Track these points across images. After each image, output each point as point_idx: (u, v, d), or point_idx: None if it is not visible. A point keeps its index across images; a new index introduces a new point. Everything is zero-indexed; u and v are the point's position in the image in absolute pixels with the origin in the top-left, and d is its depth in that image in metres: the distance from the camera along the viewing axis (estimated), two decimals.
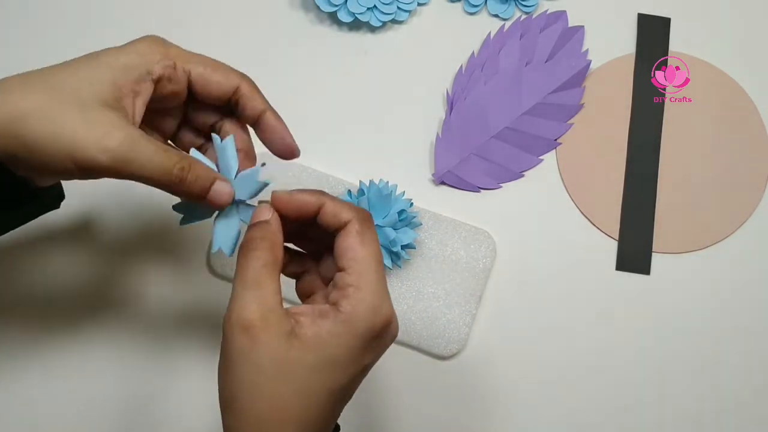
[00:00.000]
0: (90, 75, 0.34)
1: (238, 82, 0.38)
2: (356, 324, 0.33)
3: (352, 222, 0.35)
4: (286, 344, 0.33)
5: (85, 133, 0.33)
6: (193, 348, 0.51)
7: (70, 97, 0.33)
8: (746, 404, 0.52)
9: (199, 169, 0.36)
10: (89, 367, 0.51)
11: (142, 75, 0.35)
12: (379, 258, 0.35)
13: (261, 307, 0.33)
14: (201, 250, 0.53)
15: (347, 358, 0.33)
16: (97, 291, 0.52)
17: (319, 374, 0.33)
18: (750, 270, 0.55)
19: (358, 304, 0.33)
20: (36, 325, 0.51)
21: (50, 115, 0.33)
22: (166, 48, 0.36)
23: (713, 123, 0.58)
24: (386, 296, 0.35)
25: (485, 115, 0.56)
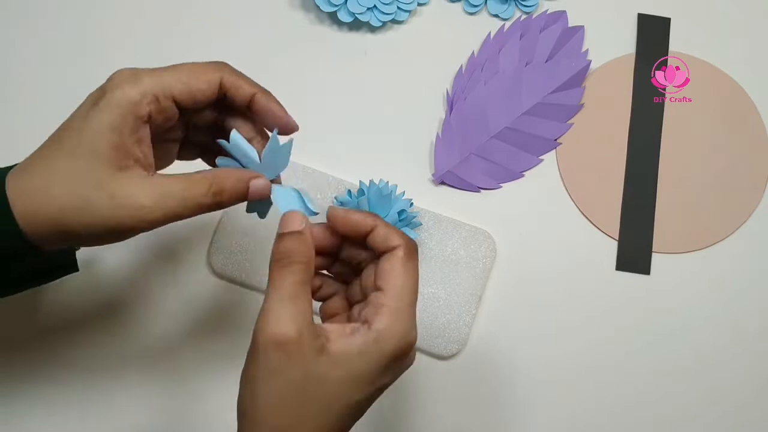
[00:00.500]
0: (90, 147, 0.34)
1: (218, 78, 0.37)
2: (386, 343, 0.34)
3: (401, 247, 0.36)
4: (317, 360, 0.34)
5: (118, 211, 0.34)
6: (193, 348, 0.51)
7: (88, 184, 0.34)
8: (746, 404, 0.52)
9: (229, 182, 0.37)
10: (88, 367, 0.51)
11: (134, 126, 0.35)
12: (416, 288, 0.36)
13: (297, 323, 0.34)
14: (201, 250, 0.53)
15: (370, 376, 0.34)
16: (96, 291, 0.52)
17: (342, 389, 0.34)
18: (750, 270, 0.55)
19: (391, 325, 0.34)
20: (33, 324, 0.51)
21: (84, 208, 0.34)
22: (138, 84, 0.35)
23: (713, 123, 0.58)
24: (415, 325, 0.36)
25: (485, 115, 0.56)
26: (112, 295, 0.52)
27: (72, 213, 0.34)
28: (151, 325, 0.52)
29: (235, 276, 0.52)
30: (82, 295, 0.52)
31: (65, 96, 0.58)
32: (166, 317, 0.52)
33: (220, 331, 0.52)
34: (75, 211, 0.34)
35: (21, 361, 0.51)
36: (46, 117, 0.58)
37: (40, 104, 0.56)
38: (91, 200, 0.34)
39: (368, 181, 0.52)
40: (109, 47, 0.57)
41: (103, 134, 0.34)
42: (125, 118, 0.35)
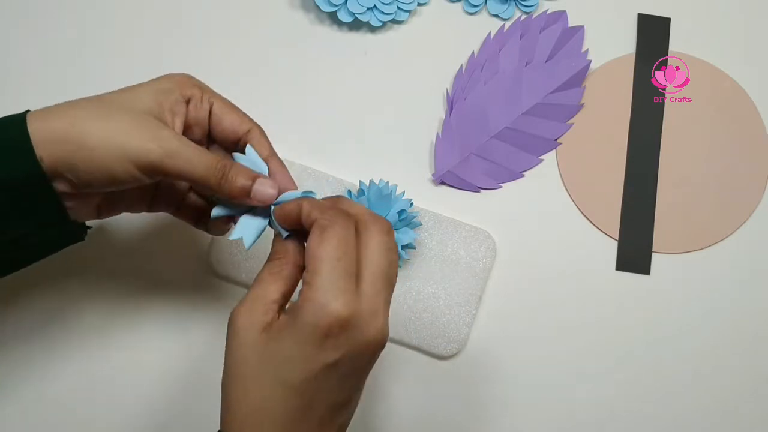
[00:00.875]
0: (135, 94, 0.38)
1: (250, 127, 0.41)
2: (300, 320, 0.34)
3: (317, 221, 0.35)
4: (258, 335, 0.34)
5: (137, 131, 0.36)
6: (193, 348, 0.51)
7: (120, 107, 0.37)
8: (746, 404, 0.52)
9: (241, 167, 0.38)
10: (87, 367, 0.51)
11: (178, 98, 0.39)
12: (338, 254, 0.34)
13: (252, 301, 0.35)
14: (201, 251, 0.53)
15: (298, 354, 0.34)
16: (96, 291, 0.52)
17: (275, 367, 0.34)
18: (750, 270, 0.55)
19: (304, 301, 0.34)
20: (32, 327, 0.51)
21: (104, 119, 0.36)
22: (195, 80, 0.40)
23: (713, 123, 0.58)
24: (342, 294, 0.34)
25: (485, 115, 0.56)
26: (112, 295, 0.52)
27: (88, 121, 0.36)
28: (150, 325, 0.52)
29: (235, 276, 0.52)
30: (81, 295, 0.52)
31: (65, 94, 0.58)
32: (166, 317, 0.52)
33: (220, 331, 0.52)
34: (96, 123, 0.36)
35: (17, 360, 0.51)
36: None
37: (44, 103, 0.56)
38: (117, 117, 0.36)
39: (368, 181, 0.52)
40: (109, 47, 0.57)
41: (150, 92, 0.38)
42: (173, 91, 0.39)
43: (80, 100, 0.37)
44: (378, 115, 0.57)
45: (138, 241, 0.53)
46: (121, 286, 0.52)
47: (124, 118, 0.36)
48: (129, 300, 0.52)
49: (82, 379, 0.51)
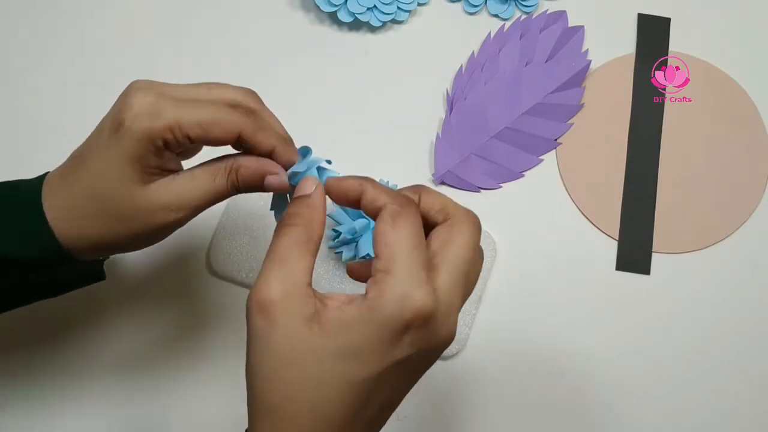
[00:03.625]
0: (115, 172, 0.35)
1: (238, 131, 0.36)
2: (380, 311, 0.30)
3: (386, 206, 0.32)
4: (306, 328, 0.30)
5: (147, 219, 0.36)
6: (192, 347, 0.51)
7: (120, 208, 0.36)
8: (746, 404, 0.52)
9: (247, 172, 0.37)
10: (87, 367, 0.51)
11: (155, 152, 0.35)
12: (414, 242, 0.31)
13: (283, 285, 0.31)
14: (201, 250, 0.53)
15: (369, 349, 0.30)
16: (96, 290, 0.52)
17: (336, 363, 0.30)
18: (750, 270, 0.55)
19: (384, 291, 0.30)
20: (32, 327, 0.51)
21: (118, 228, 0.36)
22: (157, 117, 0.35)
23: (713, 123, 0.58)
24: (423, 284, 0.31)
25: (485, 115, 0.56)
26: (112, 295, 0.52)
27: (109, 231, 0.36)
28: (150, 325, 0.52)
29: (235, 276, 0.52)
30: (81, 294, 0.52)
31: (65, 95, 0.58)
32: (166, 317, 0.52)
33: (220, 331, 0.52)
34: (112, 229, 0.36)
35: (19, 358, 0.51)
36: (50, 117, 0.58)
37: (42, 103, 0.56)
38: (126, 217, 0.36)
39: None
40: (109, 48, 0.57)
41: (126, 163, 0.35)
42: (146, 148, 0.35)
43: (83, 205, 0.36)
44: (378, 115, 0.57)
45: None
46: (120, 285, 0.52)
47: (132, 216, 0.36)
48: (128, 299, 0.52)
49: (75, 378, 0.51)
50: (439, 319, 0.31)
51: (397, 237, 0.31)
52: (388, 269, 0.31)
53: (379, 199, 0.33)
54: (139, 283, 0.52)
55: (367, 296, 0.31)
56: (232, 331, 0.52)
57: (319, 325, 0.31)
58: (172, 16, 0.59)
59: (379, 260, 0.31)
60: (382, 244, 0.31)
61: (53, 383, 0.51)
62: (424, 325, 0.31)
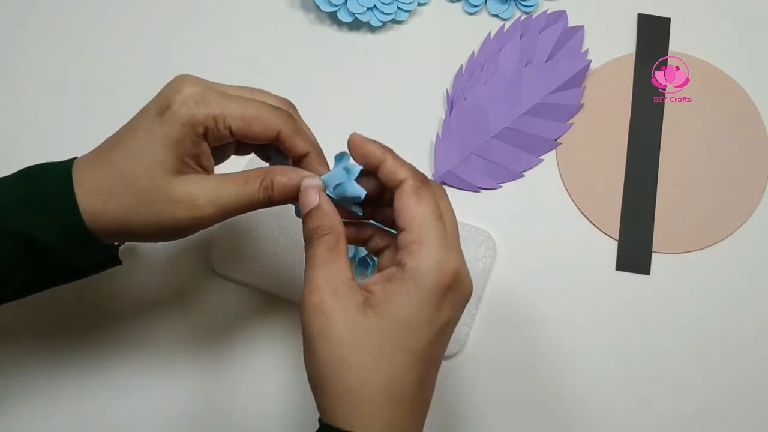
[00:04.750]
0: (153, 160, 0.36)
1: (278, 130, 0.38)
2: (423, 279, 0.33)
3: (407, 180, 0.35)
4: (361, 314, 0.33)
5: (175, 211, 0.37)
6: (192, 347, 0.51)
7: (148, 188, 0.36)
8: (746, 404, 0.52)
9: (282, 179, 0.38)
10: (88, 368, 0.51)
11: (195, 140, 0.37)
12: (438, 213, 0.35)
13: (330, 284, 0.34)
14: (201, 250, 0.53)
15: (422, 316, 0.33)
16: (96, 291, 0.52)
17: (397, 337, 0.33)
18: (750, 270, 0.55)
19: (422, 259, 0.33)
20: (33, 329, 0.51)
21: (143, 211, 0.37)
22: (204, 105, 0.37)
23: (713, 123, 0.58)
24: (451, 248, 0.34)
25: (485, 115, 0.56)
26: (112, 294, 0.52)
27: (132, 213, 0.36)
28: (150, 325, 0.52)
29: (235, 276, 0.52)
30: (79, 293, 0.52)
31: (65, 95, 0.58)
32: (166, 317, 0.52)
33: (220, 330, 0.52)
34: (135, 212, 0.36)
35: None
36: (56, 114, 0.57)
37: (42, 104, 0.56)
38: (152, 202, 0.36)
39: None
40: (110, 47, 0.57)
41: (165, 145, 0.36)
42: (187, 135, 0.36)
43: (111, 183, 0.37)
44: (378, 115, 0.57)
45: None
46: (121, 284, 0.52)
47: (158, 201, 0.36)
48: (128, 299, 0.52)
49: (76, 378, 0.51)
50: (465, 277, 0.35)
51: (424, 210, 0.34)
52: (421, 240, 0.34)
53: (400, 172, 0.35)
54: (140, 283, 0.52)
55: (405, 267, 0.34)
56: (232, 331, 0.52)
57: (372, 309, 0.33)
58: (172, 16, 0.59)
59: (408, 232, 0.34)
60: (409, 218, 0.34)
61: (53, 381, 0.51)
62: (457, 286, 0.34)
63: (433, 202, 0.35)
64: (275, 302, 0.52)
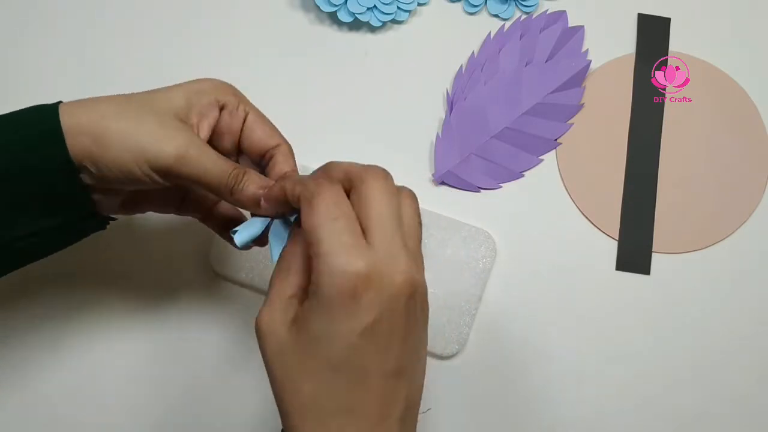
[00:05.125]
0: (167, 94, 0.38)
1: (279, 142, 0.40)
2: (320, 293, 0.32)
3: (302, 194, 0.34)
4: (286, 332, 0.33)
5: (156, 133, 0.36)
6: (192, 347, 0.51)
7: (146, 106, 0.37)
8: (746, 404, 0.52)
9: (254, 175, 0.38)
10: (88, 368, 0.51)
11: (212, 101, 0.39)
12: (332, 215, 0.32)
13: (268, 306, 0.34)
14: (201, 250, 0.53)
15: (330, 329, 0.32)
16: (95, 290, 0.52)
17: (313, 352, 0.32)
18: (750, 270, 0.55)
19: (317, 274, 0.32)
20: (30, 324, 0.51)
21: (127, 118, 0.37)
22: (233, 88, 0.41)
23: (713, 123, 0.58)
24: (350, 250, 0.31)
25: (485, 115, 0.56)
26: (112, 294, 0.52)
27: (112, 116, 0.36)
28: (150, 325, 0.52)
29: (235, 276, 0.52)
30: (79, 294, 0.52)
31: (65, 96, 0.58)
32: (166, 317, 0.52)
33: (220, 330, 0.52)
34: (115, 115, 0.36)
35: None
36: None
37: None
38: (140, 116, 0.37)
39: None
40: (110, 47, 0.57)
41: (188, 91, 0.39)
42: (208, 93, 0.39)
43: (111, 96, 0.38)
44: (378, 115, 0.57)
45: (137, 240, 0.53)
46: (121, 284, 0.52)
47: (146, 118, 0.37)
48: (128, 298, 0.52)
49: (76, 378, 0.51)
50: (386, 273, 0.32)
51: (316, 217, 0.32)
52: (317, 251, 0.32)
53: (295, 190, 0.35)
54: (139, 283, 0.52)
55: (311, 282, 0.32)
56: (232, 331, 0.52)
57: (295, 326, 0.33)
58: (172, 16, 0.59)
59: (309, 246, 0.32)
60: (306, 232, 0.32)
61: (54, 381, 0.51)
62: (369, 287, 0.31)
63: (327, 203, 0.32)
64: None
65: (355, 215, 0.33)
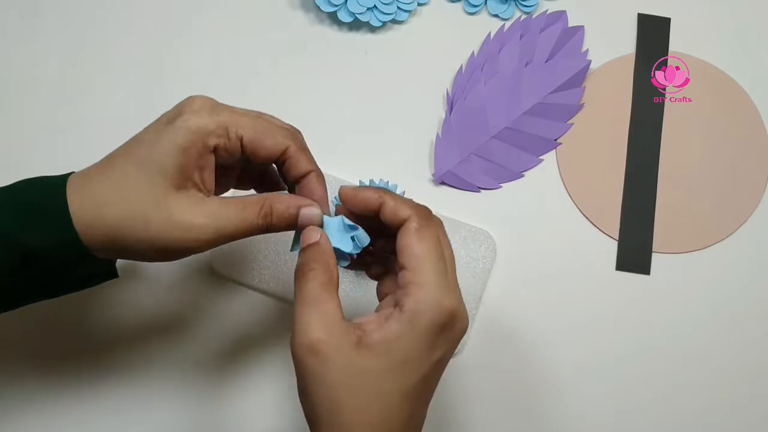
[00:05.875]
0: (156, 167, 0.35)
1: (287, 145, 0.38)
2: (420, 321, 0.34)
3: (411, 218, 0.35)
4: (356, 355, 0.33)
5: (173, 230, 0.35)
6: (192, 347, 0.51)
7: (147, 200, 0.35)
8: (747, 404, 0.52)
9: (281, 206, 0.37)
10: (88, 369, 0.51)
11: (201, 152, 0.36)
12: (439, 253, 0.35)
13: (324, 324, 0.34)
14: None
15: (417, 357, 0.34)
16: (95, 290, 0.52)
17: (392, 377, 0.34)
18: (750, 270, 0.55)
19: (419, 302, 0.34)
20: (35, 330, 0.51)
21: (139, 225, 0.35)
22: (217, 114, 0.37)
23: (713, 123, 0.58)
24: (449, 289, 0.35)
25: (485, 115, 0.56)
26: (112, 294, 0.52)
27: (127, 226, 0.35)
28: (150, 325, 0.52)
29: (235, 276, 0.52)
30: (80, 295, 0.52)
31: (65, 96, 0.58)
32: (166, 317, 0.52)
33: (220, 330, 0.52)
34: (130, 224, 0.35)
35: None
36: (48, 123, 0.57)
37: (42, 105, 0.56)
38: (147, 215, 0.35)
39: (368, 181, 0.52)
40: (109, 48, 0.57)
41: (171, 153, 0.35)
42: (195, 143, 0.36)
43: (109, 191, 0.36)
44: (378, 115, 0.57)
45: None
46: (121, 284, 0.52)
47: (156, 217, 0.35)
48: (128, 299, 0.52)
49: (82, 376, 0.51)
50: (461, 313, 0.36)
51: (424, 250, 0.35)
52: (420, 281, 0.34)
53: (402, 210, 0.36)
54: (138, 283, 0.52)
55: (403, 308, 0.34)
56: (232, 330, 0.52)
57: (367, 349, 0.34)
58: (172, 16, 0.59)
59: (408, 272, 0.35)
60: (410, 257, 0.35)
61: (54, 381, 0.51)
62: (453, 324, 0.35)
63: (435, 240, 0.35)
64: (275, 303, 0.52)
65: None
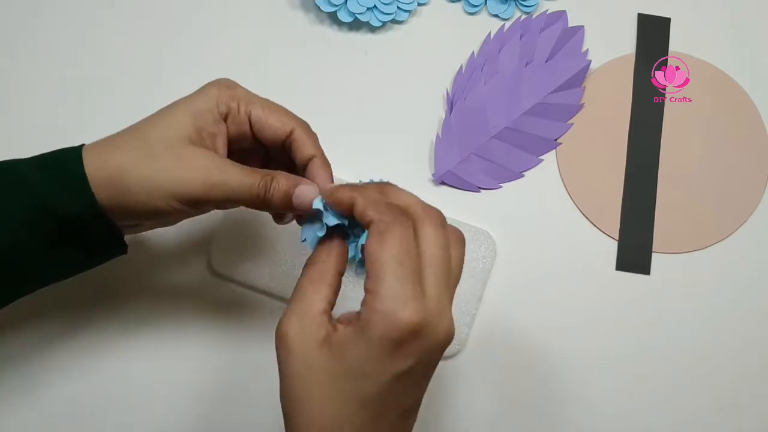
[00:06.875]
0: (173, 122, 0.38)
1: (292, 127, 0.40)
2: (372, 333, 0.32)
3: (374, 222, 0.33)
4: (317, 351, 0.33)
5: (177, 168, 0.37)
6: (192, 347, 0.51)
7: (160, 143, 0.38)
8: (747, 403, 0.52)
9: (282, 181, 0.38)
10: (85, 367, 0.51)
11: (215, 118, 0.39)
12: (400, 259, 0.32)
13: (299, 317, 0.34)
14: (201, 250, 0.53)
15: (370, 367, 0.32)
16: (96, 291, 0.52)
17: (345, 382, 0.32)
18: (750, 270, 0.55)
19: (372, 312, 0.32)
20: (30, 328, 0.51)
21: (147, 161, 0.37)
22: (233, 90, 0.40)
23: (713, 123, 0.58)
24: (413, 299, 0.32)
25: (485, 115, 0.56)
26: (112, 294, 0.52)
27: (133, 163, 0.37)
28: (150, 325, 0.52)
29: (235, 276, 0.52)
30: (80, 296, 0.52)
31: (65, 95, 0.58)
32: (166, 317, 0.52)
33: (220, 330, 0.52)
34: (137, 164, 0.37)
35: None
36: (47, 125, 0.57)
37: (42, 104, 0.56)
38: (157, 153, 0.37)
39: (368, 181, 0.52)
40: (108, 48, 0.57)
41: (187, 114, 0.38)
42: (210, 109, 0.39)
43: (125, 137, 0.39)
44: (378, 115, 0.57)
45: (137, 239, 0.53)
46: (120, 284, 0.52)
47: (163, 156, 0.37)
48: (128, 299, 0.52)
49: (76, 381, 0.51)
50: (432, 326, 0.32)
51: (384, 255, 0.32)
52: (376, 290, 0.32)
53: (367, 213, 0.34)
54: (138, 283, 0.52)
55: (360, 317, 0.32)
56: (232, 330, 0.52)
57: (327, 348, 0.33)
58: (172, 16, 0.59)
59: (368, 279, 0.32)
60: (369, 263, 0.32)
61: (56, 382, 0.51)
62: (417, 337, 0.32)
63: (399, 243, 0.32)
64: (275, 303, 0.52)
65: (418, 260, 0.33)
